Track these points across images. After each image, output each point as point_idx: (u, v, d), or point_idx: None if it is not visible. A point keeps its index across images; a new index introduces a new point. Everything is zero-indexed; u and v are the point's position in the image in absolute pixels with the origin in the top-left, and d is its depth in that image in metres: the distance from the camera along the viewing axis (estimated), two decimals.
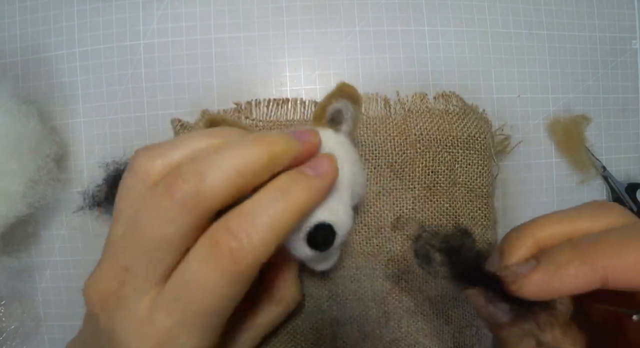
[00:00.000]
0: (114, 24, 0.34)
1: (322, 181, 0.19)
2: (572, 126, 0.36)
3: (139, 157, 0.19)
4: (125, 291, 0.18)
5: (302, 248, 0.20)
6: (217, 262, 0.16)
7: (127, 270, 0.18)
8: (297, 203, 0.18)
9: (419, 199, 0.30)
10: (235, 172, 0.17)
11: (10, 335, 0.33)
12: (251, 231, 0.16)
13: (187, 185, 0.17)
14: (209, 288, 0.17)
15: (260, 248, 0.17)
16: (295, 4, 0.34)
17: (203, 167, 0.17)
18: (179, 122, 0.32)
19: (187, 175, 0.17)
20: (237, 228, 0.17)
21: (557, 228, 0.20)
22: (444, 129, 0.31)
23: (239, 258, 0.16)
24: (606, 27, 0.37)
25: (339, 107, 0.23)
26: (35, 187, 0.30)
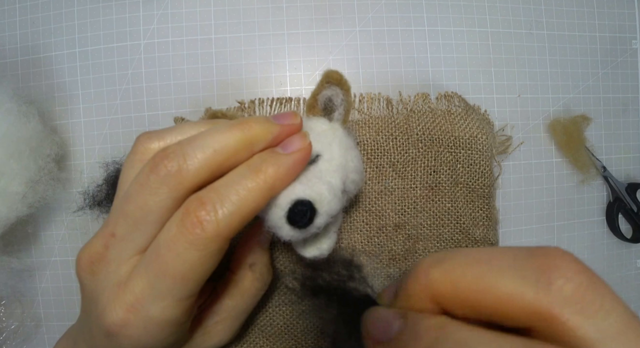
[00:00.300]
0: (114, 24, 0.34)
1: (291, 157, 0.20)
2: (572, 126, 0.36)
3: (140, 139, 0.21)
4: (109, 254, 0.20)
5: (283, 227, 0.21)
6: (186, 229, 0.18)
7: (113, 236, 0.20)
8: (265, 179, 0.19)
9: (421, 199, 0.30)
10: (213, 151, 0.19)
11: (10, 335, 0.33)
12: (218, 203, 0.18)
13: (171, 163, 0.19)
14: (178, 253, 0.18)
15: (227, 219, 0.18)
16: (295, 4, 0.34)
17: (186, 148, 0.19)
18: (182, 120, 0.32)
19: (173, 155, 0.19)
20: (207, 200, 0.18)
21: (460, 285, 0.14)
22: (446, 129, 0.31)
23: (206, 227, 0.18)
24: (606, 27, 0.37)
25: (328, 94, 0.23)
26: (35, 187, 0.30)
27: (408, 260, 0.30)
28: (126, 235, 0.19)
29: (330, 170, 0.22)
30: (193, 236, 0.18)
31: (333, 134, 0.23)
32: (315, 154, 0.23)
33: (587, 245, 0.37)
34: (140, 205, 0.19)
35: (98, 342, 0.21)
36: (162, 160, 0.19)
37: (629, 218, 0.37)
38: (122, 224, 0.19)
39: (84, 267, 0.20)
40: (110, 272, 0.20)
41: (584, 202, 0.37)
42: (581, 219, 0.37)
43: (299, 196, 0.20)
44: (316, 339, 0.30)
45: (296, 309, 0.30)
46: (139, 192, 0.19)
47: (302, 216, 0.20)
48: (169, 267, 0.18)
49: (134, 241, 0.19)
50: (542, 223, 0.36)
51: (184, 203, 0.19)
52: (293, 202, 0.20)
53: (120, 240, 0.20)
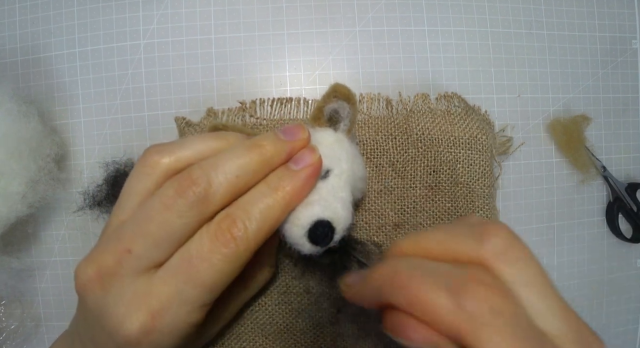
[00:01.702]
0: (114, 24, 0.34)
1: (304, 173, 0.22)
2: (572, 126, 0.36)
3: (151, 152, 0.22)
4: (123, 270, 0.20)
5: (305, 244, 0.22)
6: (221, 243, 0.19)
7: (129, 252, 0.20)
8: (284, 195, 0.21)
9: (421, 198, 0.30)
10: (236, 177, 0.21)
11: (10, 335, 0.33)
12: (247, 221, 0.20)
13: (198, 188, 0.20)
14: (212, 264, 0.19)
15: (255, 234, 0.20)
16: (295, 4, 0.34)
17: (210, 174, 0.20)
18: (184, 120, 0.32)
19: (199, 181, 0.20)
20: (237, 217, 0.20)
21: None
22: (446, 129, 0.31)
23: (239, 242, 0.20)
24: (606, 27, 0.37)
25: (335, 107, 0.24)
26: (35, 187, 0.30)
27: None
28: (145, 253, 0.20)
29: (341, 185, 0.24)
30: (228, 249, 0.20)
31: (340, 146, 0.24)
32: (326, 169, 0.24)
33: (587, 245, 0.37)
34: (165, 226, 0.20)
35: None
36: (190, 186, 0.20)
37: (629, 218, 0.37)
38: (141, 242, 0.20)
39: (90, 281, 0.20)
40: (125, 286, 0.20)
41: (584, 202, 0.37)
42: (581, 219, 0.37)
43: (319, 217, 0.22)
44: (315, 338, 0.30)
45: (296, 308, 0.30)
46: (163, 214, 0.20)
47: (324, 237, 0.22)
48: (201, 276, 0.19)
49: (151, 258, 0.20)
50: (542, 223, 0.36)
51: (215, 219, 0.20)
52: (313, 223, 0.22)
53: (138, 257, 0.20)
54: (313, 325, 0.30)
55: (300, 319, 0.29)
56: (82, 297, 0.21)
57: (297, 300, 0.30)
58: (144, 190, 0.21)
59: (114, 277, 0.20)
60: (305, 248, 0.22)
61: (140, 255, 0.20)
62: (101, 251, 0.21)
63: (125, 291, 0.20)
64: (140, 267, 0.20)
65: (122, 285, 0.20)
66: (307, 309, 0.29)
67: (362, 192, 0.27)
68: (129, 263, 0.20)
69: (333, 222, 0.22)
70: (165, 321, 0.20)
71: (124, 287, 0.20)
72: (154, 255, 0.20)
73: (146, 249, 0.20)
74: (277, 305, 0.30)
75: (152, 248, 0.20)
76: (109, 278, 0.20)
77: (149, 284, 0.20)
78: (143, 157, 0.22)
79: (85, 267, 0.21)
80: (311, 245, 0.22)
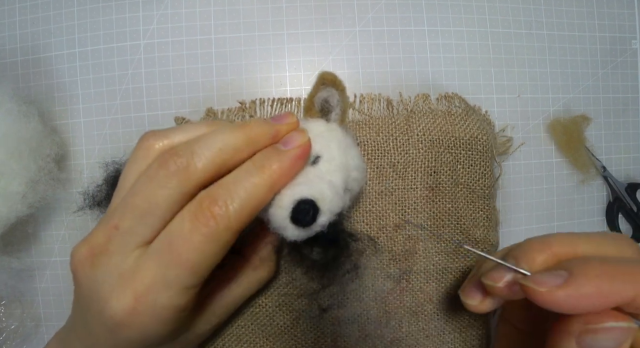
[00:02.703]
0: (114, 24, 0.34)
1: (292, 152, 0.21)
2: (572, 126, 0.36)
3: (148, 136, 0.22)
4: (112, 246, 0.20)
5: (288, 227, 0.21)
6: (201, 222, 0.19)
7: (117, 228, 0.20)
8: (270, 174, 0.20)
9: (421, 199, 0.30)
10: (219, 150, 0.20)
11: (10, 335, 0.33)
12: (229, 199, 0.19)
13: (180, 159, 0.20)
14: (192, 244, 0.19)
15: (237, 213, 0.19)
16: (295, 4, 0.34)
17: (194, 147, 0.20)
18: (183, 120, 0.32)
19: (181, 152, 0.20)
20: (219, 196, 0.19)
21: (574, 247, 0.20)
22: (447, 130, 0.31)
23: (218, 221, 0.19)
24: (606, 27, 0.37)
25: (324, 96, 0.24)
26: (35, 187, 0.30)
27: (408, 261, 0.30)
28: (131, 228, 0.20)
29: (331, 170, 0.23)
30: (207, 229, 0.19)
31: (330, 134, 0.24)
32: (315, 155, 0.23)
33: None
34: (148, 198, 0.20)
35: (100, 339, 0.21)
36: (172, 156, 0.20)
37: (628, 218, 0.37)
38: (127, 217, 0.20)
39: (82, 259, 0.21)
40: (113, 264, 0.20)
41: (584, 202, 0.37)
42: (581, 219, 0.37)
43: (302, 196, 0.21)
44: (316, 339, 0.30)
45: (296, 309, 0.30)
46: (147, 186, 0.20)
47: (305, 214, 0.21)
48: (182, 257, 0.19)
49: (138, 234, 0.20)
50: (542, 223, 0.36)
51: (196, 198, 0.20)
52: (296, 202, 0.21)
53: (125, 232, 0.20)
54: (313, 326, 0.30)
55: (300, 320, 0.29)
56: (75, 276, 0.21)
57: (298, 301, 0.30)
58: (137, 172, 0.22)
59: (103, 254, 0.20)
60: (288, 232, 0.21)
61: (127, 230, 0.20)
62: (94, 231, 0.21)
63: (113, 270, 0.20)
64: (129, 243, 0.20)
65: (110, 263, 0.20)
66: (308, 310, 0.29)
67: (358, 183, 0.26)
68: (117, 239, 0.20)
69: (317, 202, 0.21)
70: (149, 303, 0.20)
71: (112, 266, 0.20)
72: (140, 230, 0.20)
73: (132, 224, 0.20)
74: (277, 307, 0.30)
75: (138, 222, 0.20)
76: (99, 255, 0.20)
77: (136, 264, 0.20)
78: (139, 141, 0.22)
79: (79, 247, 0.21)
80: (294, 227, 0.21)
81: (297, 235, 0.21)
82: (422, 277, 0.30)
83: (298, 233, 0.21)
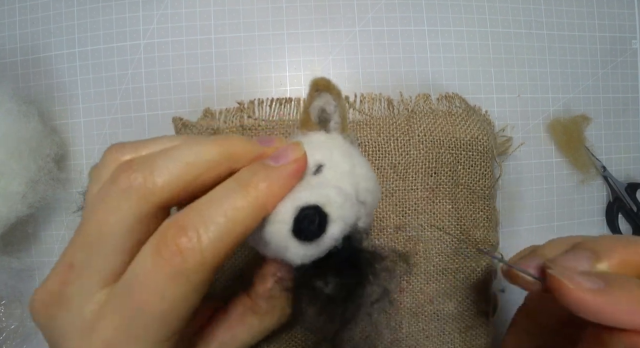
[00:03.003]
0: (114, 24, 0.34)
1: (285, 170, 0.18)
2: (572, 126, 0.36)
3: (111, 150, 0.18)
4: (69, 291, 0.16)
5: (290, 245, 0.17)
6: (163, 260, 0.15)
7: (71, 267, 0.16)
8: (257, 195, 0.16)
9: (422, 200, 0.30)
10: (186, 164, 0.16)
11: (10, 335, 0.33)
12: (202, 227, 0.15)
13: (134, 174, 0.16)
14: (154, 289, 0.15)
15: (212, 245, 0.15)
16: (295, 4, 0.34)
17: (155, 159, 0.16)
18: (181, 121, 0.32)
19: (138, 166, 0.16)
20: (187, 224, 0.15)
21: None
22: (447, 130, 0.31)
23: (186, 256, 0.15)
24: (606, 27, 0.37)
25: (320, 104, 0.22)
26: (35, 187, 0.30)
27: (409, 261, 0.30)
28: (86, 264, 0.16)
29: (337, 177, 0.20)
30: (172, 268, 0.15)
31: (332, 142, 0.21)
32: (317, 164, 0.20)
33: None
34: (99, 224, 0.16)
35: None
36: (125, 171, 0.16)
37: (628, 218, 0.37)
38: (80, 250, 0.16)
39: (38, 309, 0.17)
40: (71, 314, 0.16)
41: (584, 202, 0.37)
42: (581, 219, 0.37)
43: (304, 202, 0.17)
44: (316, 341, 0.30)
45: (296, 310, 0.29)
46: (97, 208, 0.16)
47: (310, 222, 0.17)
48: (143, 305, 0.15)
49: (96, 271, 0.16)
50: (542, 223, 0.36)
51: (159, 228, 0.16)
52: (298, 210, 0.17)
53: (80, 270, 0.16)
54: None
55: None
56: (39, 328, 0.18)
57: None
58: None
59: (60, 303, 0.17)
60: (291, 253, 0.17)
61: (82, 268, 0.16)
62: (49, 274, 0.17)
63: (73, 319, 0.16)
64: (87, 284, 0.16)
65: (69, 311, 0.16)
66: None
67: (371, 194, 0.21)
68: (74, 282, 0.16)
69: (324, 207, 0.17)
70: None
71: (71, 316, 0.16)
72: (98, 266, 0.16)
73: (86, 259, 0.16)
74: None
75: (92, 255, 0.16)
76: (55, 305, 0.17)
77: (97, 313, 0.16)
78: (103, 157, 0.18)
79: (35, 292, 0.17)
80: (297, 244, 0.17)
81: (304, 254, 0.17)
82: (422, 277, 0.30)
83: (304, 252, 0.17)
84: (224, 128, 0.31)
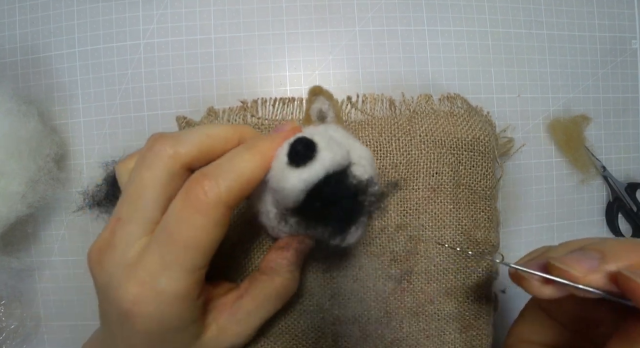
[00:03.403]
0: (114, 24, 0.34)
1: (283, 133, 0.22)
2: (572, 126, 0.36)
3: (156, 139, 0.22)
4: (116, 239, 0.21)
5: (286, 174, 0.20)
6: (193, 199, 0.19)
7: (119, 220, 0.21)
8: (259, 152, 0.21)
9: (423, 200, 0.30)
10: (206, 135, 0.21)
11: (10, 335, 0.33)
12: (221, 176, 0.20)
13: (165, 141, 0.21)
14: (184, 221, 0.19)
15: (227, 187, 0.19)
16: (295, 4, 0.34)
17: (180, 134, 0.21)
18: (184, 120, 0.32)
19: (167, 136, 0.21)
20: (208, 173, 0.20)
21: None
22: (449, 131, 0.31)
23: (209, 194, 0.19)
24: (606, 27, 0.37)
25: (318, 106, 0.27)
26: (35, 187, 0.30)
27: (409, 261, 0.30)
28: (129, 216, 0.20)
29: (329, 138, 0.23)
30: (197, 202, 0.19)
31: (327, 127, 0.25)
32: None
33: None
34: (139, 183, 0.20)
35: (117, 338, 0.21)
36: (157, 139, 0.21)
37: (628, 218, 0.37)
38: (125, 207, 0.21)
39: (92, 258, 0.21)
40: (117, 256, 0.20)
41: (584, 201, 0.37)
42: (581, 219, 0.37)
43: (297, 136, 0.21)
44: (316, 339, 0.30)
45: (297, 308, 0.30)
46: (136, 172, 0.21)
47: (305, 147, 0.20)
48: (176, 236, 0.19)
49: (137, 222, 0.20)
50: (542, 223, 0.36)
51: (188, 179, 0.20)
52: (291, 143, 0.21)
53: (125, 222, 0.20)
54: (314, 326, 0.30)
55: (301, 320, 0.29)
56: (92, 276, 0.21)
57: (299, 301, 0.29)
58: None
59: (109, 248, 0.21)
60: (290, 180, 0.20)
61: (127, 220, 0.20)
62: (103, 228, 0.22)
63: (119, 262, 0.20)
64: (132, 234, 0.20)
65: (115, 255, 0.20)
66: (308, 310, 0.29)
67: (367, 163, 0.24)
68: (120, 231, 0.20)
69: (314, 138, 0.21)
70: (152, 291, 0.19)
71: (118, 258, 0.20)
72: (139, 218, 0.20)
73: (130, 212, 0.20)
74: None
75: (135, 210, 0.20)
76: (105, 250, 0.21)
77: (139, 253, 0.20)
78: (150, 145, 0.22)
79: (91, 246, 0.21)
80: (293, 169, 0.20)
81: (299, 178, 0.20)
82: (423, 277, 0.30)
83: (299, 176, 0.20)
84: None
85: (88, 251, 0.21)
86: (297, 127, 0.23)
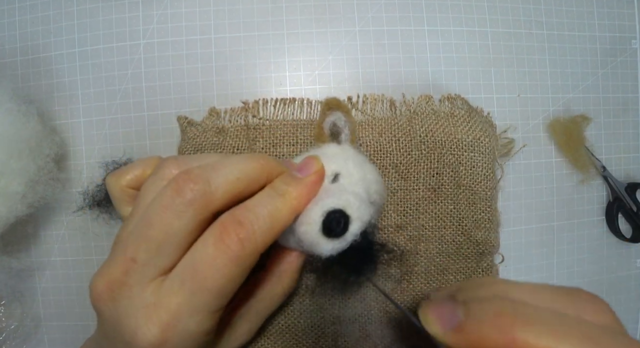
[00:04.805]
0: (114, 24, 0.34)
1: (309, 179, 0.23)
2: (572, 126, 0.36)
3: (168, 164, 0.22)
4: (130, 279, 0.20)
5: (320, 241, 0.22)
6: (226, 246, 0.19)
7: (134, 261, 0.20)
8: (290, 198, 0.21)
9: (423, 201, 0.30)
10: (236, 179, 0.21)
11: (10, 335, 0.33)
12: (255, 223, 0.20)
13: (196, 186, 0.20)
14: (218, 268, 0.19)
15: (262, 236, 0.20)
16: (295, 4, 0.34)
17: (210, 173, 0.20)
18: (186, 119, 0.32)
19: (197, 179, 0.20)
20: (244, 220, 0.20)
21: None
22: (449, 131, 0.31)
23: (246, 245, 0.19)
24: (606, 27, 0.37)
25: (332, 120, 0.26)
26: (35, 187, 0.30)
27: (409, 261, 0.30)
28: (149, 260, 0.20)
29: (352, 183, 0.24)
30: (234, 253, 0.19)
31: (345, 153, 0.25)
32: (334, 174, 0.24)
33: (587, 245, 0.37)
34: (165, 229, 0.19)
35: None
36: (187, 183, 0.20)
37: (628, 218, 0.37)
38: (144, 249, 0.20)
39: (102, 294, 0.20)
40: (134, 296, 0.20)
41: (584, 201, 0.37)
42: (581, 219, 0.37)
43: (330, 207, 0.22)
44: (317, 338, 0.30)
45: (297, 308, 0.30)
46: (161, 215, 0.20)
47: (337, 224, 0.21)
48: (208, 283, 0.19)
49: (156, 265, 0.20)
50: (542, 223, 0.36)
51: (219, 221, 0.20)
52: (325, 214, 0.22)
53: (142, 265, 0.20)
54: (314, 325, 0.30)
55: (301, 319, 0.29)
56: (97, 310, 0.21)
57: (299, 300, 0.30)
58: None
59: (123, 287, 0.20)
60: (322, 247, 0.22)
61: (145, 263, 0.20)
62: (109, 264, 0.21)
63: (135, 302, 0.20)
64: (147, 275, 0.20)
65: (131, 295, 0.20)
66: (309, 309, 0.29)
67: (379, 195, 0.26)
68: (135, 272, 0.20)
69: (346, 210, 0.22)
70: (177, 332, 0.19)
71: (134, 298, 0.20)
72: (159, 262, 0.20)
73: (150, 256, 0.20)
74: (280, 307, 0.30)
75: (155, 254, 0.20)
76: (118, 289, 0.20)
77: (158, 294, 0.20)
78: (160, 169, 0.22)
79: (96, 281, 0.20)
80: (326, 240, 0.22)
81: (332, 248, 0.22)
82: (423, 277, 0.30)
83: (332, 246, 0.22)
84: (229, 127, 0.31)
85: (92, 284, 0.21)
86: (322, 170, 0.24)
